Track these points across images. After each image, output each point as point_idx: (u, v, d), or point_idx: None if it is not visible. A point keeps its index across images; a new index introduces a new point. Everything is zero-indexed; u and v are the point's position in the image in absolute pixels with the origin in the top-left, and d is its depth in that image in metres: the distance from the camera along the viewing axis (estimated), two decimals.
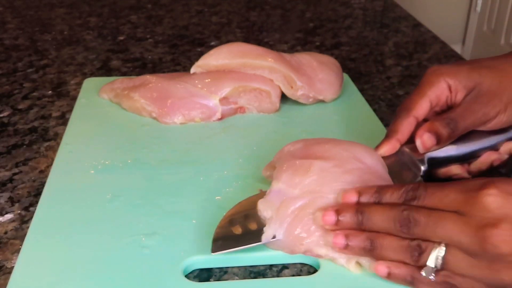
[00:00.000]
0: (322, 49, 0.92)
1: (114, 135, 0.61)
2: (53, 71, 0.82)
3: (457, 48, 2.60)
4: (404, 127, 0.49)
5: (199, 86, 0.64)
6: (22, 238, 0.46)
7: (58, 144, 0.60)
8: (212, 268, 0.43)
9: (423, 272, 0.39)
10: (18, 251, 0.45)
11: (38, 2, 1.17)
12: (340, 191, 0.43)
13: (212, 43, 0.94)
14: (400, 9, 1.15)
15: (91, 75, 0.80)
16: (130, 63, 0.85)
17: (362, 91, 0.73)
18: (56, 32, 0.99)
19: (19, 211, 0.50)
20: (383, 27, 1.05)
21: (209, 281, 0.42)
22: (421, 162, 0.48)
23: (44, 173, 0.56)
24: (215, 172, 0.54)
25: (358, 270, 0.42)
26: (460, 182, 0.40)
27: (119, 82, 0.69)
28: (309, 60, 0.69)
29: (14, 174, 0.56)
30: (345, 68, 0.80)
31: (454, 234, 0.37)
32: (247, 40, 0.95)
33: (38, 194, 0.52)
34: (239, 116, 0.65)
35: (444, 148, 0.49)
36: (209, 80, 0.64)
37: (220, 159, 0.56)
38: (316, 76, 0.67)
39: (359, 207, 0.42)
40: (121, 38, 0.96)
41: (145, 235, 0.45)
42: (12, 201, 0.52)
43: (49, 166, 0.57)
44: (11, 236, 0.47)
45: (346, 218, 0.41)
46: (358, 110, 0.67)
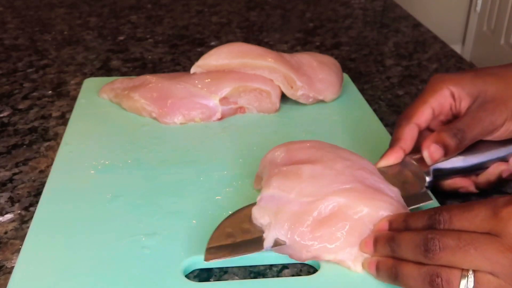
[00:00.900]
0: (322, 49, 0.92)
1: (114, 135, 0.61)
2: (53, 71, 0.82)
3: (457, 48, 2.60)
4: (406, 134, 0.49)
5: (199, 86, 0.64)
6: (22, 238, 0.46)
7: (58, 144, 0.60)
8: (212, 268, 0.43)
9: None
10: (18, 251, 0.45)
11: (38, 2, 1.17)
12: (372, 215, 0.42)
13: (212, 43, 0.94)
14: (400, 9, 1.15)
15: (91, 75, 0.80)
16: (130, 63, 0.85)
17: (362, 91, 0.73)
18: (56, 32, 0.99)
19: (19, 211, 0.50)
20: (383, 27, 1.05)
21: (209, 281, 0.42)
22: (426, 173, 0.48)
23: (44, 173, 0.56)
24: (215, 172, 0.54)
25: (362, 271, 0.42)
26: (487, 200, 0.37)
27: (119, 82, 0.69)
28: (309, 60, 0.69)
29: (14, 174, 0.56)
30: (345, 68, 0.80)
31: (490, 257, 0.34)
32: (247, 40, 0.95)
33: (38, 194, 0.52)
34: (239, 116, 0.65)
35: (450, 159, 0.48)
36: (209, 80, 0.64)
37: (220, 159, 0.56)
38: (316, 76, 0.67)
39: (391, 235, 0.40)
40: (121, 38, 0.96)
41: (145, 235, 0.45)
42: (12, 201, 0.52)
43: (49, 166, 0.57)
44: (11, 236, 0.47)
45: (380, 247, 0.40)
46: (358, 110, 0.67)
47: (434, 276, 0.36)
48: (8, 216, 0.50)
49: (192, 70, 0.66)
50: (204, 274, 0.43)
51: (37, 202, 0.50)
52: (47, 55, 0.88)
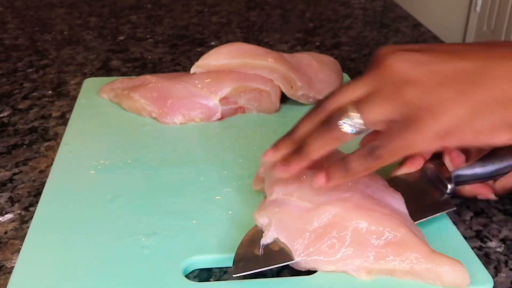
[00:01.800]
0: (322, 49, 0.92)
1: (114, 135, 0.61)
2: (53, 71, 0.82)
3: None
4: None
5: (199, 86, 0.64)
6: (22, 238, 0.46)
7: (58, 144, 0.60)
8: (212, 268, 0.43)
9: (345, 126, 0.40)
10: (18, 251, 0.45)
11: (38, 2, 1.17)
12: None
13: (212, 43, 0.94)
14: (400, 9, 1.15)
15: (91, 75, 0.80)
16: (130, 63, 0.85)
17: None
18: (56, 32, 0.99)
19: (19, 211, 0.50)
20: (383, 27, 1.05)
21: (209, 281, 0.42)
22: (448, 179, 0.47)
23: (44, 173, 0.56)
24: (215, 172, 0.54)
25: (368, 277, 0.41)
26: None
27: (119, 82, 0.69)
28: (309, 60, 0.69)
29: (14, 174, 0.56)
30: (345, 68, 0.80)
31: (361, 86, 0.40)
32: (247, 40, 0.95)
33: (38, 194, 0.52)
34: (239, 116, 0.65)
35: (470, 165, 0.47)
36: (209, 80, 0.64)
37: (220, 159, 0.56)
38: (316, 76, 0.67)
39: (287, 136, 0.45)
40: (121, 38, 0.96)
41: (145, 235, 0.45)
42: (12, 201, 0.52)
43: (49, 166, 0.57)
44: (11, 236, 0.47)
45: (281, 141, 0.44)
46: None
47: (329, 117, 0.41)
48: (8, 216, 0.50)
49: (192, 70, 0.66)
50: (204, 274, 0.43)
51: (37, 202, 0.50)
52: (47, 55, 0.88)
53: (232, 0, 1.20)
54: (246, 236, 0.44)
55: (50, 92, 0.75)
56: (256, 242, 0.42)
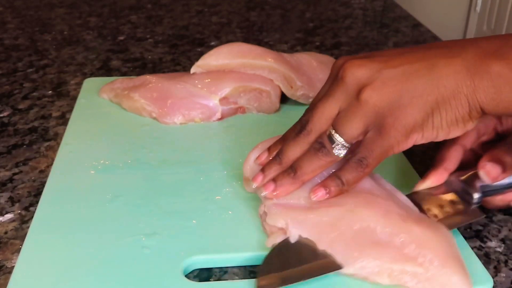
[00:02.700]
0: (322, 49, 0.92)
1: (114, 135, 0.61)
2: (53, 71, 0.82)
3: None
4: (451, 155, 0.48)
5: (199, 86, 0.64)
6: (22, 238, 0.46)
7: (58, 144, 0.60)
8: (212, 268, 0.43)
9: (335, 151, 0.44)
10: (18, 251, 0.45)
11: (38, 2, 1.17)
12: None
13: (212, 43, 0.94)
14: (400, 9, 1.15)
15: (91, 75, 0.80)
16: (130, 63, 0.85)
17: None
18: (56, 32, 0.99)
19: (19, 211, 0.50)
20: (383, 27, 1.05)
21: (209, 281, 0.42)
22: (474, 190, 0.46)
23: (44, 173, 0.56)
24: (215, 172, 0.54)
25: (390, 282, 0.40)
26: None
27: (119, 82, 0.69)
28: (309, 60, 0.69)
29: (14, 174, 0.56)
30: None
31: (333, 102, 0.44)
32: (247, 40, 0.95)
33: (38, 194, 0.52)
34: (239, 116, 0.65)
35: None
36: (209, 80, 0.64)
37: (220, 159, 0.56)
38: (316, 76, 0.67)
39: (270, 163, 0.47)
40: (121, 38, 0.96)
41: (145, 235, 0.45)
42: (12, 201, 0.52)
43: (49, 166, 0.57)
44: (11, 236, 0.47)
45: (269, 166, 0.47)
46: None
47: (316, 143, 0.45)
48: (8, 216, 0.50)
49: (192, 70, 0.66)
50: (204, 274, 0.43)
51: (37, 202, 0.50)
52: (47, 55, 0.88)
53: (232, 0, 1.20)
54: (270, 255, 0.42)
55: (50, 92, 0.75)
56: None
